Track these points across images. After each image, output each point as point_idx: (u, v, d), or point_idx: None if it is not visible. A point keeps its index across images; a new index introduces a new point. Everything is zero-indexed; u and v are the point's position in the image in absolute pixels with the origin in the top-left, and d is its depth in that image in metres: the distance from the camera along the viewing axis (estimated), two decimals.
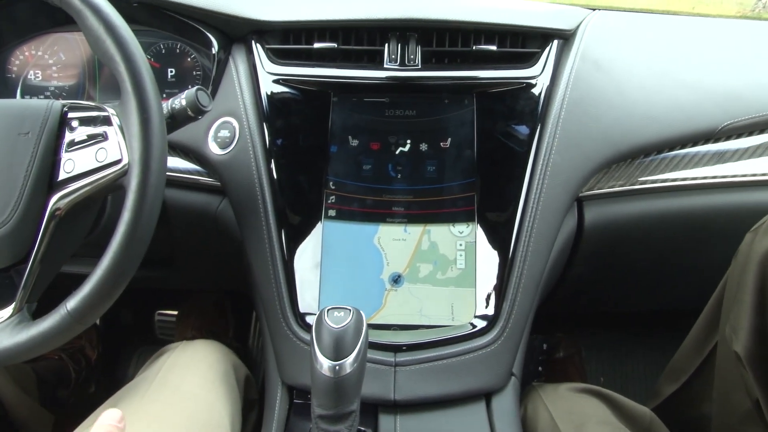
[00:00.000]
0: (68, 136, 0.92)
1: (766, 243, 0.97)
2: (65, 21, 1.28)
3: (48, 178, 0.90)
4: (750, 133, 1.25)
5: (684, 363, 1.21)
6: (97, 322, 1.91)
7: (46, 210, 0.89)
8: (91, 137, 0.90)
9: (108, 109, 0.91)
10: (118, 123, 0.89)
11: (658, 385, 1.25)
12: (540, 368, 1.78)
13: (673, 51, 1.34)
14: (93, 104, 0.93)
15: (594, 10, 1.37)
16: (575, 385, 1.23)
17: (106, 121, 0.90)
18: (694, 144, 1.23)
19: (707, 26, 1.49)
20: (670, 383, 1.22)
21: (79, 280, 0.85)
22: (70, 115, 0.93)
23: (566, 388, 1.23)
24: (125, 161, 0.87)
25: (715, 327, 1.12)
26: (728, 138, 1.24)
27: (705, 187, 1.23)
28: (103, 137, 0.89)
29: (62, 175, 0.90)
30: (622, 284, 1.52)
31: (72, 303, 0.85)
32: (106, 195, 1.05)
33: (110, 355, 1.91)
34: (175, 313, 1.90)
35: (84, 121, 0.92)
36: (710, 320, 1.15)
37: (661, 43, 1.36)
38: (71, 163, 0.90)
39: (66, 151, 0.91)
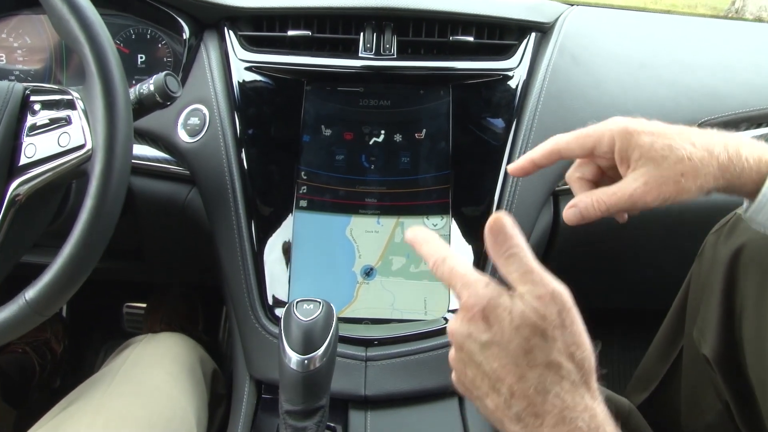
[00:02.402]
0: (30, 120, 0.89)
1: (731, 245, 0.97)
2: (30, 2, 1.25)
3: (8, 163, 0.87)
4: (727, 130, 1.24)
5: (651, 371, 1.21)
6: (63, 314, 1.88)
7: (5, 196, 0.86)
8: (53, 121, 0.87)
9: (72, 92, 0.88)
10: (82, 107, 0.86)
11: (626, 394, 1.25)
12: None
13: (651, 47, 1.34)
14: (56, 87, 0.90)
15: (573, 5, 1.36)
16: None
17: (70, 104, 0.87)
18: None
19: (684, 24, 1.49)
20: (638, 393, 1.22)
21: (42, 270, 0.82)
22: (33, 98, 0.91)
23: None
24: (89, 146, 0.84)
25: (680, 331, 1.12)
26: None
27: None
28: (67, 121, 0.86)
29: (23, 160, 0.87)
30: (598, 280, 1.51)
31: (31, 293, 0.82)
32: (69, 181, 1.02)
33: (77, 348, 1.88)
34: (144, 305, 1.87)
35: (47, 105, 0.89)
36: (674, 324, 1.15)
37: (639, 39, 1.36)
38: (33, 147, 0.87)
39: (27, 136, 0.88)
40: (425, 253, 0.68)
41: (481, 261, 1.10)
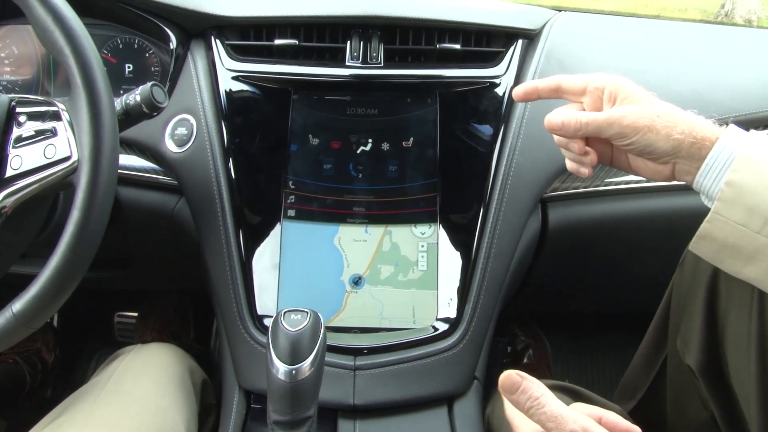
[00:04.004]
0: (16, 132, 0.89)
1: None
2: (18, 12, 1.25)
3: None
4: None
5: (637, 380, 1.21)
6: (54, 323, 1.87)
7: None
8: (39, 133, 0.87)
9: (57, 103, 0.88)
10: (68, 118, 0.86)
11: (613, 401, 1.25)
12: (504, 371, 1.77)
13: (639, 53, 1.34)
14: (42, 99, 0.90)
15: (560, 11, 1.37)
16: (547, 381, 1.21)
17: (56, 116, 0.87)
18: None
19: (672, 29, 1.49)
20: (625, 401, 1.22)
21: (29, 281, 0.82)
22: (18, 109, 0.90)
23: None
24: (75, 158, 0.84)
25: (664, 340, 1.12)
26: None
27: (668, 189, 1.23)
28: (52, 133, 0.86)
29: (9, 172, 0.87)
30: (586, 286, 1.52)
31: (18, 305, 0.82)
32: (56, 193, 1.02)
33: (68, 358, 1.87)
34: (135, 314, 1.87)
35: (32, 116, 0.89)
36: (658, 334, 1.15)
37: (626, 44, 1.36)
38: (18, 159, 0.87)
39: (13, 147, 0.88)
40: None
41: (468, 270, 1.10)
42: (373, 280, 1.10)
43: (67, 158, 0.84)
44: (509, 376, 0.65)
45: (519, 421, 0.71)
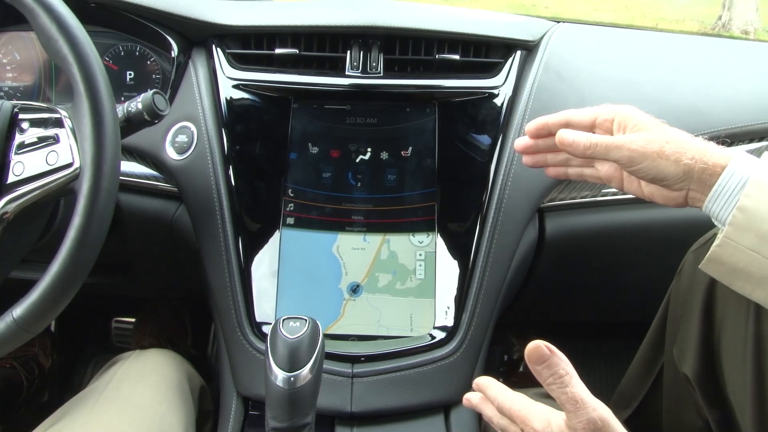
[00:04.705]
0: (18, 138, 0.90)
1: None
2: (21, 19, 1.26)
3: None
4: None
5: (633, 388, 1.21)
6: (52, 328, 1.87)
7: None
8: (42, 139, 0.88)
9: (60, 110, 0.89)
10: (70, 125, 0.87)
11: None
12: (501, 380, 1.77)
13: (636, 64, 1.35)
14: (44, 105, 0.91)
15: (558, 22, 1.38)
16: (542, 389, 1.22)
17: (58, 123, 0.88)
18: None
19: (669, 41, 1.51)
20: (620, 410, 1.23)
21: (30, 286, 0.82)
22: (21, 116, 0.91)
23: (534, 393, 1.22)
24: (77, 165, 0.85)
25: (660, 348, 1.13)
26: None
27: None
28: (55, 140, 0.87)
29: (11, 178, 0.87)
30: (583, 295, 1.52)
31: (18, 310, 0.82)
32: (57, 199, 1.02)
33: (65, 364, 1.87)
34: (133, 320, 1.87)
35: (35, 123, 0.90)
36: (655, 342, 1.15)
37: (623, 56, 1.37)
38: (21, 165, 0.88)
39: (16, 154, 0.89)
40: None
41: (466, 278, 1.11)
42: (371, 288, 1.11)
43: (69, 165, 0.85)
44: (538, 347, 0.67)
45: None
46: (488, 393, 0.81)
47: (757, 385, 0.89)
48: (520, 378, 1.77)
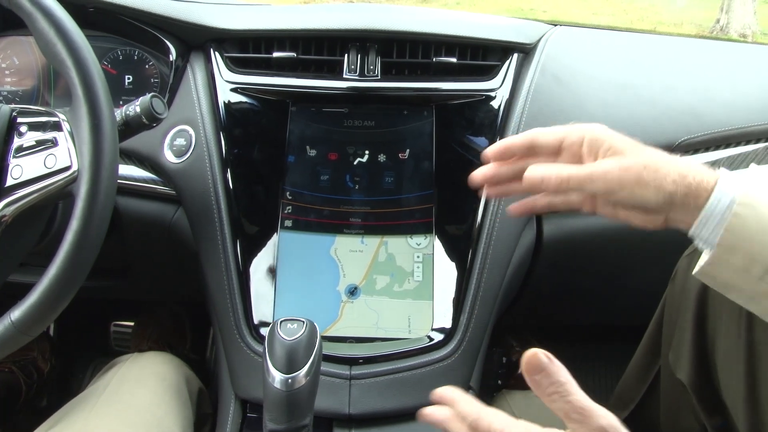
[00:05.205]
0: (17, 142, 0.90)
1: None
2: (19, 23, 1.26)
3: None
4: (706, 149, 1.27)
5: (630, 391, 1.21)
6: (51, 332, 1.87)
7: None
8: (40, 143, 0.88)
9: (58, 114, 0.89)
10: (69, 129, 0.87)
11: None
12: (499, 381, 1.77)
13: (633, 67, 1.35)
14: (43, 109, 0.91)
15: (556, 25, 1.38)
16: None
17: (56, 126, 0.88)
18: None
19: (667, 44, 1.51)
20: (618, 412, 1.22)
21: (28, 290, 0.83)
22: (19, 119, 0.91)
23: (534, 394, 1.22)
24: (75, 168, 0.85)
25: (657, 351, 1.13)
26: (685, 153, 1.25)
27: None
28: (53, 143, 0.87)
29: (9, 182, 0.88)
30: (581, 298, 1.52)
31: (16, 313, 0.82)
32: (56, 202, 1.03)
33: (64, 367, 1.87)
34: (132, 324, 1.87)
35: (33, 127, 0.90)
36: (651, 345, 1.15)
37: (620, 59, 1.38)
38: (19, 169, 0.88)
39: (14, 157, 0.89)
40: None
41: (464, 280, 1.11)
42: (368, 290, 1.11)
43: (67, 168, 0.85)
44: (535, 355, 0.62)
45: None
46: (459, 408, 0.69)
47: (750, 392, 0.89)
48: (518, 380, 1.77)
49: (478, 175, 0.89)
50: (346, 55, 1.21)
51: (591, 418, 0.59)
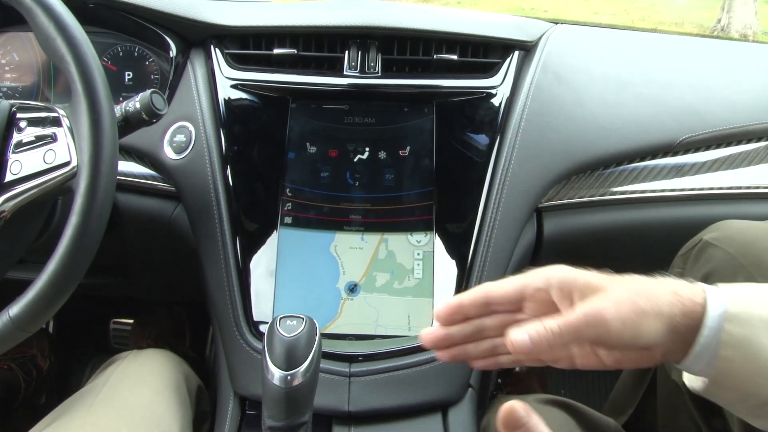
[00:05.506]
0: (16, 137, 0.90)
1: (697, 273, 0.98)
2: (19, 19, 1.26)
3: None
4: (708, 148, 1.27)
5: (627, 395, 1.20)
6: (50, 330, 1.87)
7: None
8: (39, 138, 0.88)
9: (58, 109, 0.89)
10: (68, 124, 0.87)
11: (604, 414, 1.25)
12: (500, 380, 1.77)
13: (634, 65, 1.35)
14: (42, 105, 0.91)
15: (557, 23, 1.38)
16: (542, 396, 1.22)
17: (56, 122, 0.88)
18: (653, 157, 1.24)
19: (667, 42, 1.51)
20: (616, 416, 1.22)
21: (26, 286, 0.83)
22: (19, 115, 0.91)
23: (533, 399, 1.22)
24: (74, 163, 0.85)
25: None
26: (686, 152, 1.25)
27: (663, 200, 1.24)
28: (52, 139, 0.87)
29: (8, 177, 0.88)
30: None
31: (14, 309, 0.82)
32: (55, 198, 1.03)
33: (63, 365, 1.87)
34: (131, 321, 1.87)
35: (33, 122, 0.90)
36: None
37: (622, 57, 1.37)
38: (18, 164, 0.88)
39: (13, 153, 0.89)
40: None
41: (464, 278, 1.10)
42: (368, 288, 1.11)
43: (67, 164, 0.85)
44: (513, 409, 0.58)
45: None
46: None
47: None
48: (519, 376, 1.77)
49: (427, 338, 0.76)
50: (346, 52, 1.21)
51: None
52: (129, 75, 1.30)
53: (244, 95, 1.19)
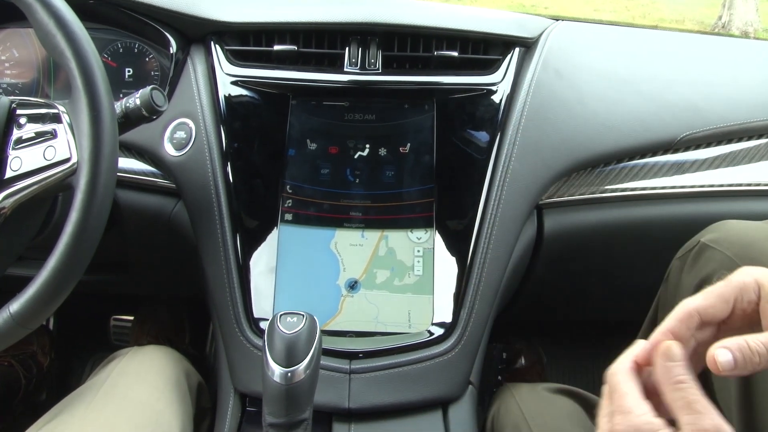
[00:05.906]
0: (16, 134, 0.90)
1: (695, 275, 0.97)
2: (19, 15, 1.26)
3: None
4: (708, 145, 1.27)
5: None
6: (50, 326, 1.87)
7: None
8: (39, 135, 0.88)
9: (58, 106, 0.89)
10: (68, 121, 0.87)
11: None
12: (499, 377, 1.77)
13: (634, 62, 1.35)
14: (42, 101, 0.91)
15: (558, 20, 1.38)
16: (551, 385, 1.22)
17: (56, 118, 0.88)
18: (654, 154, 1.24)
19: (668, 40, 1.51)
20: None
21: (27, 283, 0.82)
22: (19, 111, 0.91)
23: (543, 388, 1.22)
24: (74, 160, 0.85)
25: None
26: (687, 149, 1.25)
27: (664, 197, 1.24)
28: (53, 135, 0.87)
29: (9, 174, 0.88)
30: (582, 292, 1.52)
31: (15, 306, 0.82)
32: (55, 194, 1.02)
33: (63, 362, 1.87)
34: (131, 318, 1.87)
35: (33, 119, 0.90)
36: None
37: (622, 54, 1.37)
38: (18, 161, 0.88)
39: (13, 149, 0.89)
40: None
41: (464, 275, 1.10)
42: (369, 285, 1.11)
43: (67, 160, 0.85)
44: (674, 344, 0.61)
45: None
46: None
47: (743, 394, 0.89)
48: (519, 372, 1.77)
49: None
50: (347, 49, 1.21)
51: (706, 416, 0.57)
52: (129, 71, 1.29)
53: (244, 92, 1.19)
